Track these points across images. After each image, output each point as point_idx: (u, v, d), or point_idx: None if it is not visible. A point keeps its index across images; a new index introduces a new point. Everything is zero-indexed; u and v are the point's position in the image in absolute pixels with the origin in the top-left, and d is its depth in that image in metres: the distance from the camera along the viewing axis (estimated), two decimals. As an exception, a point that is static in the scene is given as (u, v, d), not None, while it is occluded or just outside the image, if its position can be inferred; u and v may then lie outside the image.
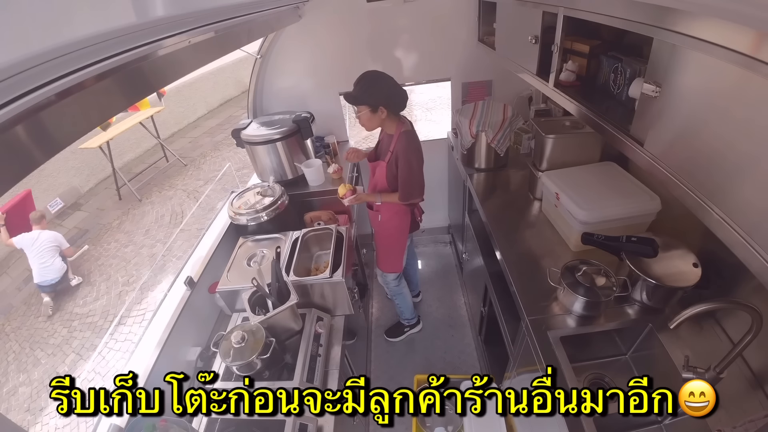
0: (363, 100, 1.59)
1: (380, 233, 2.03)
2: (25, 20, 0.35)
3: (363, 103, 1.59)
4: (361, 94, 1.58)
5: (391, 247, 2.04)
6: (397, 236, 1.99)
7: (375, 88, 1.58)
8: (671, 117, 0.73)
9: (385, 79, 1.59)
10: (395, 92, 1.62)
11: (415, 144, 1.69)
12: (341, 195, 1.77)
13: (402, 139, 1.67)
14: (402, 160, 1.66)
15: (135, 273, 3.96)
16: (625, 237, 1.24)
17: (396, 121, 1.70)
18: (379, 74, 1.60)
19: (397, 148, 1.69)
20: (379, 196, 1.82)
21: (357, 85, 1.59)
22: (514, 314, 1.41)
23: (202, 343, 1.47)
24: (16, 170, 0.41)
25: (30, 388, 2.93)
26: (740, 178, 0.59)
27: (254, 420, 1.16)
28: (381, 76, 1.60)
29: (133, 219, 4.90)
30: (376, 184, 1.90)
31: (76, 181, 5.52)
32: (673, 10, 0.66)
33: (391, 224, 1.94)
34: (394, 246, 2.04)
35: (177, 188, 5.43)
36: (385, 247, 2.06)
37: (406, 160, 1.66)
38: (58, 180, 5.25)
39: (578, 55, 1.20)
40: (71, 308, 3.66)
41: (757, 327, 0.87)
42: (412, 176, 1.69)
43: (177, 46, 0.70)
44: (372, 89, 1.58)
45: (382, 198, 1.81)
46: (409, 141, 1.67)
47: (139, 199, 5.23)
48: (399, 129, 1.69)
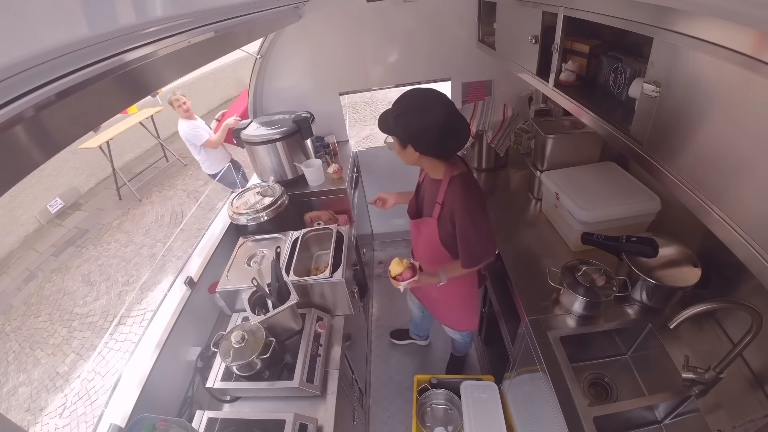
0: (388, 127, 1.18)
1: (443, 300, 1.62)
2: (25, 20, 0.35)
3: (389, 132, 1.20)
4: (391, 120, 1.16)
5: (463, 308, 1.63)
6: (468, 293, 1.57)
7: (406, 117, 1.14)
8: (671, 117, 0.73)
9: (434, 110, 1.11)
10: (441, 131, 1.11)
11: (475, 193, 1.22)
12: (395, 275, 1.26)
13: (455, 187, 1.22)
14: (460, 215, 1.21)
15: (135, 273, 3.96)
16: (625, 237, 1.24)
17: (443, 163, 1.24)
18: (428, 101, 1.12)
19: (448, 201, 1.24)
20: (444, 274, 1.33)
21: (394, 104, 1.16)
22: (514, 314, 1.41)
23: (202, 343, 1.47)
24: (16, 170, 0.41)
25: (30, 388, 2.92)
26: (740, 178, 0.59)
27: (254, 420, 1.16)
28: (430, 104, 1.12)
29: (133, 219, 4.89)
30: (424, 248, 1.44)
31: (76, 181, 5.52)
32: (673, 10, 0.66)
33: (457, 286, 1.48)
34: (466, 305, 1.61)
35: (177, 188, 5.43)
36: (456, 310, 1.65)
37: (466, 214, 1.20)
38: (58, 180, 5.24)
39: (578, 55, 1.20)
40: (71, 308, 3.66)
41: (757, 327, 0.87)
42: (477, 235, 1.23)
43: (177, 46, 0.70)
44: (403, 117, 1.14)
45: (448, 273, 1.33)
46: (465, 190, 1.21)
47: (139, 199, 5.23)
48: (450, 173, 1.23)
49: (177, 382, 1.33)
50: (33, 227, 4.91)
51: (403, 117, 1.14)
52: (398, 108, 1.15)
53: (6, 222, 4.61)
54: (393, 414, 2.07)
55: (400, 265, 1.25)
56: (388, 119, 1.17)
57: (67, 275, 4.11)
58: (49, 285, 4.01)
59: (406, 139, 1.17)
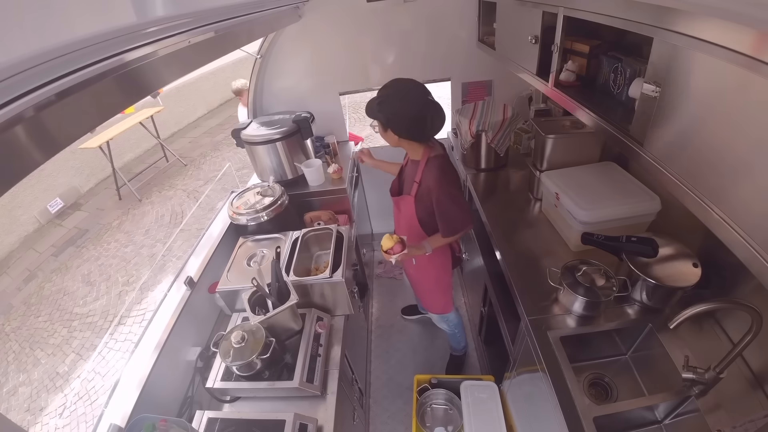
0: (373, 112, 1.36)
1: (419, 278, 1.79)
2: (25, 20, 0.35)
3: (373, 117, 1.37)
4: (375, 106, 1.34)
5: (436, 289, 1.80)
6: (441, 275, 1.74)
7: (388, 104, 1.31)
8: (671, 117, 0.73)
9: (410, 97, 1.30)
10: (418, 116, 1.30)
11: (449, 172, 1.40)
12: (386, 249, 1.40)
13: (431, 166, 1.39)
14: (437, 192, 1.37)
15: (135, 273, 3.96)
16: (625, 237, 1.24)
17: (421, 145, 1.41)
18: (406, 89, 1.31)
19: (425, 179, 1.41)
20: (429, 244, 1.49)
21: (378, 92, 1.35)
22: (514, 314, 1.41)
23: (202, 343, 1.47)
24: (16, 170, 0.41)
25: (30, 388, 2.92)
26: (740, 177, 0.59)
27: (254, 420, 1.16)
28: (407, 91, 1.30)
29: (133, 219, 4.89)
30: (404, 223, 1.61)
31: (76, 181, 5.52)
32: (673, 10, 0.66)
33: (432, 265, 1.69)
34: (440, 286, 1.78)
35: (177, 188, 5.43)
36: (430, 290, 1.83)
37: (443, 191, 1.37)
38: (58, 180, 5.25)
39: (578, 55, 1.20)
40: (71, 308, 3.66)
41: (757, 327, 0.87)
42: (454, 206, 1.39)
43: (177, 46, 0.70)
44: (385, 104, 1.32)
45: (432, 244, 1.49)
46: (440, 169, 1.38)
47: (139, 199, 5.23)
48: (427, 154, 1.41)
49: (177, 382, 1.33)
50: (33, 227, 4.91)
51: (384, 104, 1.32)
52: (380, 96, 1.33)
53: (6, 222, 4.61)
54: (393, 414, 2.07)
55: (391, 240, 1.39)
56: (373, 106, 1.35)
57: (67, 275, 4.11)
58: (49, 285, 4.02)
59: (387, 124, 1.35)
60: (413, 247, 1.47)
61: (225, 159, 6.00)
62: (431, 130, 1.34)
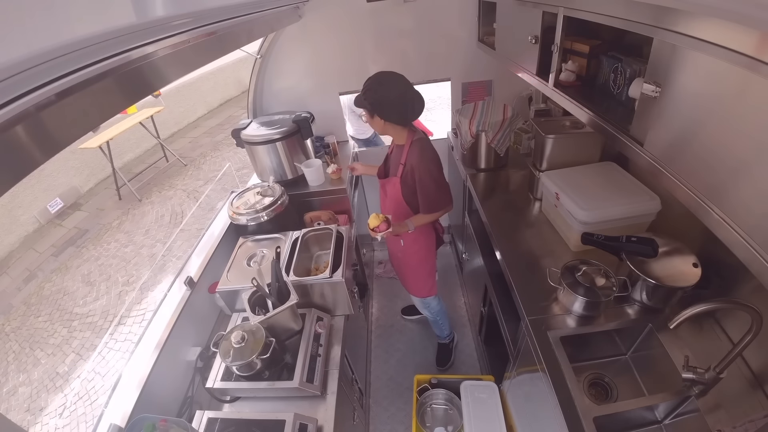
0: (360, 101, 1.51)
1: (405, 259, 1.88)
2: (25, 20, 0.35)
3: (361, 105, 1.52)
4: (361, 95, 1.49)
5: (421, 269, 1.90)
6: (426, 256, 1.86)
7: (372, 92, 1.46)
8: (671, 117, 0.73)
9: (391, 84, 1.45)
10: (398, 101, 1.46)
11: (430, 153, 1.54)
12: (373, 227, 1.50)
13: (415, 147, 1.53)
14: (419, 171, 1.51)
15: (135, 273, 3.96)
16: (625, 237, 1.24)
17: (405, 130, 1.56)
18: (387, 77, 1.46)
19: (409, 160, 1.55)
20: (411, 223, 1.62)
21: (363, 84, 1.49)
22: (514, 314, 1.41)
23: (202, 343, 1.47)
24: (16, 170, 0.41)
25: (30, 388, 2.92)
26: (740, 178, 0.59)
27: (254, 420, 1.16)
28: (388, 79, 1.45)
29: (133, 219, 4.89)
30: (390, 205, 1.73)
31: (76, 181, 5.52)
32: (673, 10, 0.66)
33: (417, 246, 1.80)
34: (424, 267, 1.89)
35: (177, 188, 5.43)
36: (414, 272, 1.92)
37: (424, 169, 1.51)
38: (58, 180, 5.24)
39: (578, 55, 1.20)
40: (71, 308, 3.66)
41: (756, 327, 0.87)
42: (434, 184, 1.53)
43: (177, 47, 0.70)
44: (369, 92, 1.46)
45: (415, 222, 1.62)
46: (422, 150, 1.52)
47: (139, 199, 5.23)
48: (410, 138, 1.55)
49: (177, 382, 1.33)
50: (33, 227, 4.91)
51: (369, 91, 1.46)
52: (365, 86, 1.48)
53: (6, 222, 4.61)
54: (393, 414, 2.07)
55: (377, 218, 1.51)
56: (360, 96, 1.51)
57: (67, 275, 4.11)
58: (49, 285, 4.02)
59: (372, 110, 1.49)
60: (398, 225, 1.59)
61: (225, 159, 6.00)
62: (413, 113, 1.50)
